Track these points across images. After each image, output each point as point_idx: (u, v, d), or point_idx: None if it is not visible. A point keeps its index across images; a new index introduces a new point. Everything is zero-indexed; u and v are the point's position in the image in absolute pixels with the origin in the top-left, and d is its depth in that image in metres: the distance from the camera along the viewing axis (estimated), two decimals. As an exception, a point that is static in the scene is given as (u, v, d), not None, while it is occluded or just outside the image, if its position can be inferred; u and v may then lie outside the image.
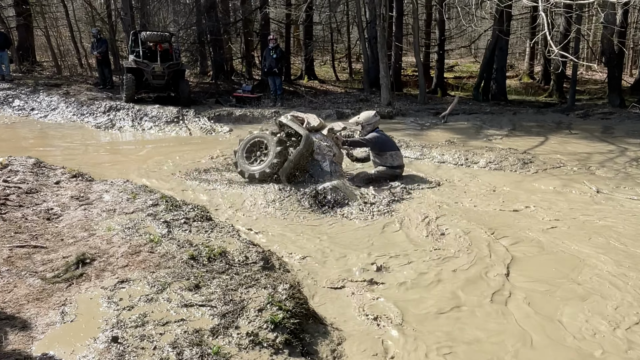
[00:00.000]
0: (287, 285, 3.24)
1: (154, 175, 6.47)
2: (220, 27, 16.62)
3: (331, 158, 5.93)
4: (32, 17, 17.50)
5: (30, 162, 5.44)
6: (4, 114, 11.56)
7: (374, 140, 6.20)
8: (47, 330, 2.56)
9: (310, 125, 6.15)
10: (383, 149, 6.20)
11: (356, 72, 22.70)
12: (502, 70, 16.12)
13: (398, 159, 6.27)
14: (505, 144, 8.88)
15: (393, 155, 6.22)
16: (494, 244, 4.40)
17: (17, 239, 3.62)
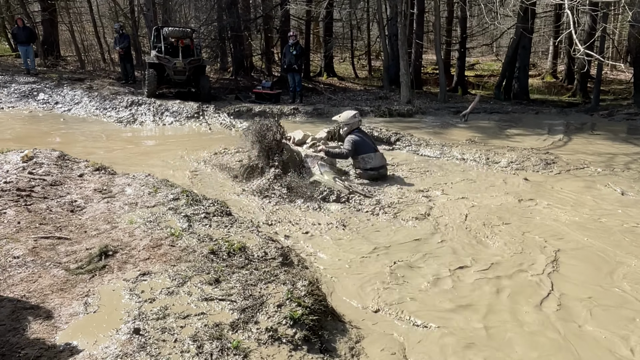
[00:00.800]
0: (306, 281, 3.24)
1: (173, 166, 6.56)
2: (240, 23, 16.69)
3: (319, 161, 6.19)
4: (56, 12, 17.82)
5: (55, 155, 5.54)
6: (29, 107, 11.78)
7: (349, 148, 6.25)
8: (70, 321, 2.60)
9: (296, 139, 7.05)
10: (357, 152, 6.25)
11: (375, 70, 22.60)
12: (524, 69, 15.89)
13: (372, 161, 6.23)
14: (527, 144, 8.75)
15: (365, 158, 6.22)
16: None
17: (42, 230, 3.69)
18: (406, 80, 13.32)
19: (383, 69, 17.87)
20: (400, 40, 13.46)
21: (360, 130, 6.56)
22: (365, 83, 19.03)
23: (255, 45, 20.05)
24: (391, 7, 16.00)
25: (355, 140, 6.30)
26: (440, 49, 15.34)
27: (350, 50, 23.27)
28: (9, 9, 18.48)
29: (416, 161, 7.55)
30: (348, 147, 6.26)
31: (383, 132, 8.78)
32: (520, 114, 12.72)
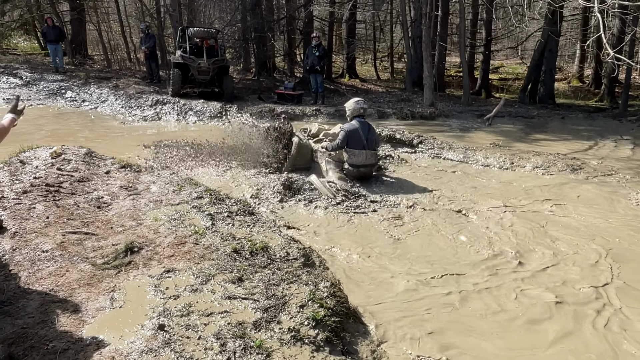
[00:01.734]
0: (328, 283, 3.24)
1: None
2: (264, 24, 16.78)
3: (327, 158, 6.43)
4: (85, 12, 18.19)
5: (82, 152, 5.65)
6: (56, 105, 12.05)
7: (341, 138, 6.19)
8: (97, 315, 2.64)
9: (312, 132, 7.29)
10: (347, 145, 6.16)
11: (398, 72, 22.47)
12: (550, 73, 15.61)
13: (355, 158, 6.11)
14: (553, 149, 8.59)
15: (349, 152, 6.13)
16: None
17: (70, 225, 3.76)
18: (429, 82, 13.21)
19: (406, 71, 17.76)
20: (424, 43, 13.36)
21: (362, 120, 6.34)
22: (387, 85, 18.94)
23: (278, 47, 20.14)
24: (415, 9, 15.89)
25: (349, 129, 6.19)
26: (465, 52, 15.17)
27: (373, 51, 23.19)
28: (39, 8, 18.93)
29: (439, 165, 7.49)
30: (341, 136, 6.21)
31: (405, 134, 8.73)
32: (546, 118, 12.51)
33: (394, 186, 6.20)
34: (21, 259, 3.19)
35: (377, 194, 5.78)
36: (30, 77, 13.75)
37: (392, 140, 8.64)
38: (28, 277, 2.99)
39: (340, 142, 6.19)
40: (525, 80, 16.41)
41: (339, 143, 6.19)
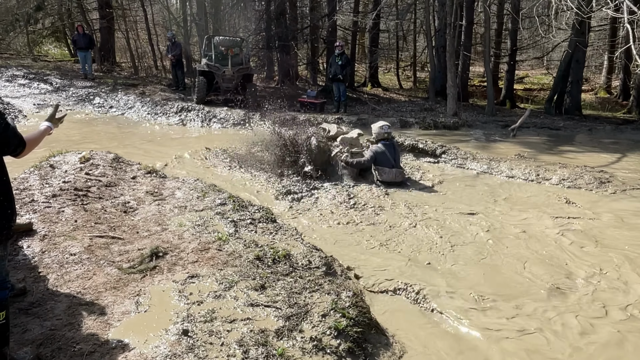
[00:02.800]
0: (351, 292, 3.23)
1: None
2: (288, 33, 16.93)
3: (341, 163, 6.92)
4: (114, 20, 18.63)
5: (110, 157, 5.76)
6: (85, 110, 12.33)
7: (368, 157, 6.81)
8: (122, 319, 2.68)
9: (330, 134, 7.68)
10: (376, 162, 6.79)
11: (420, 81, 22.39)
12: (577, 84, 15.34)
13: (385, 175, 6.70)
14: (580, 161, 8.43)
15: (380, 169, 6.73)
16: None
17: (97, 229, 3.84)
18: (453, 92, 13.12)
19: (429, 80, 17.69)
20: (448, 52, 13.29)
21: (388, 141, 6.96)
22: (409, 94, 18.87)
23: (301, 55, 20.29)
24: (439, 18, 15.84)
25: (377, 151, 6.80)
26: (489, 61, 15.03)
27: (396, 60, 23.16)
28: (70, 16, 19.47)
29: (463, 176, 7.41)
30: (368, 156, 6.83)
31: (428, 144, 8.67)
32: (573, 129, 12.29)
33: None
34: (50, 261, 3.27)
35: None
36: (61, 84, 14.12)
37: (414, 150, 8.59)
38: (56, 279, 3.06)
39: (366, 160, 6.79)
40: (551, 90, 16.16)
41: (365, 161, 6.79)
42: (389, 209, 5.65)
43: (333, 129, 7.95)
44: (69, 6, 18.89)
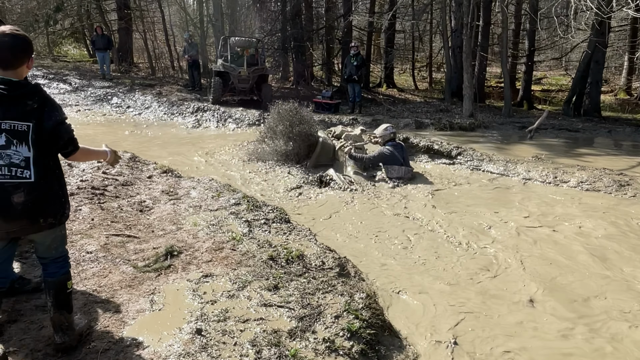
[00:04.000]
0: (364, 294, 3.21)
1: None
2: (303, 34, 16.96)
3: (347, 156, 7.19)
4: (132, 21, 18.86)
5: (127, 157, 5.83)
6: (102, 110, 12.51)
7: (372, 157, 7.07)
8: (137, 317, 2.71)
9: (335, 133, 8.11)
10: (385, 162, 6.98)
11: (436, 82, 22.26)
12: (596, 85, 15.10)
13: (394, 172, 6.88)
14: (599, 163, 8.28)
15: (389, 168, 6.92)
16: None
17: (113, 227, 3.88)
18: (469, 93, 13.00)
19: (445, 81, 17.58)
20: (465, 53, 13.18)
21: (395, 142, 7.24)
22: (425, 95, 18.77)
23: (317, 56, 20.31)
24: (456, 18, 15.73)
25: (383, 153, 7.03)
26: (506, 62, 14.87)
27: (411, 61, 23.06)
28: (89, 17, 19.77)
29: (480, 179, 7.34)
30: (371, 155, 7.10)
31: (444, 145, 8.59)
32: (592, 131, 12.09)
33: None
34: (67, 259, 3.31)
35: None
36: (79, 84, 14.34)
37: (430, 151, 8.53)
38: (73, 277, 3.09)
39: (369, 160, 7.05)
40: (569, 92, 15.94)
41: (367, 160, 7.05)
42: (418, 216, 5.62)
43: (338, 129, 8.29)
44: (88, 7, 19.19)
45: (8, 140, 2.06)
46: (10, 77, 2.06)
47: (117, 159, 2.63)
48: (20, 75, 2.11)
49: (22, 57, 2.09)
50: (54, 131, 2.14)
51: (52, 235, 2.29)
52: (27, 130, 2.08)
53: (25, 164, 2.09)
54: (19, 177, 2.08)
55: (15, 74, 2.09)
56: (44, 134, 2.12)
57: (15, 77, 2.08)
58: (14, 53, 2.06)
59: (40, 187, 2.14)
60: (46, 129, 2.12)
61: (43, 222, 2.18)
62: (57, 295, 2.33)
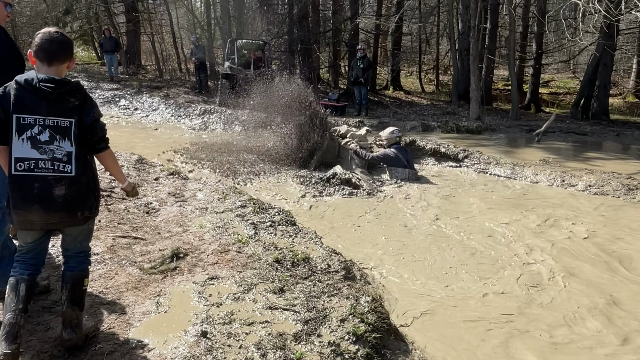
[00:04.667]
0: (370, 298, 3.20)
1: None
2: (310, 36, 16.99)
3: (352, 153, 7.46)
4: (140, 24, 18.98)
5: (134, 159, 5.86)
6: (110, 112, 12.58)
7: (377, 156, 7.30)
8: (143, 319, 2.71)
9: (341, 132, 8.27)
10: (389, 164, 7.24)
11: (443, 85, 22.20)
12: (605, 88, 14.99)
13: (399, 174, 7.09)
14: (608, 167, 8.22)
15: (393, 170, 7.16)
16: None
17: (120, 229, 3.90)
18: (476, 96, 12.96)
19: (452, 83, 17.53)
20: (472, 55, 13.15)
21: (399, 146, 7.49)
22: (432, 98, 18.73)
23: (323, 58, 20.33)
24: (463, 21, 15.70)
25: (388, 155, 7.27)
26: (514, 65, 14.82)
27: (418, 64, 23.02)
28: (98, 20, 19.92)
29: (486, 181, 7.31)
30: (377, 156, 7.31)
31: (450, 148, 8.57)
32: (600, 135, 12.00)
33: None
34: (74, 260, 3.32)
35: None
36: (88, 85, 14.43)
37: (436, 154, 8.51)
38: (80, 278, 3.11)
39: (370, 157, 7.26)
40: (577, 95, 15.85)
41: (369, 157, 7.26)
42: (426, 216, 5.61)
43: (343, 128, 8.55)
44: (96, 10, 19.33)
45: (51, 135, 2.16)
46: (53, 75, 2.16)
47: (135, 192, 2.71)
48: (61, 73, 2.21)
49: (68, 54, 2.23)
50: (91, 127, 2.25)
51: (81, 227, 2.38)
52: (70, 126, 2.19)
53: (67, 159, 2.19)
54: (61, 171, 2.18)
55: (58, 71, 2.20)
56: (82, 130, 2.22)
57: (57, 75, 2.18)
58: (62, 48, 2.20)
59: (80, 181, 2.24)
60: (85, 125, 2.22)
61: (80, 215, 2.28)
62: (73, 290, 2.37)
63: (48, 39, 2.16)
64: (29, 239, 2.30)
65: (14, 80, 2.15)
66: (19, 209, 2.18)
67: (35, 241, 2.31)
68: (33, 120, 2.13)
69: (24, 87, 2.12)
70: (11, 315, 2.17)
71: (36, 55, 2.17)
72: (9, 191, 2.19)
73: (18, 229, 2.30)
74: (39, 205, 2.16)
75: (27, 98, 2.12)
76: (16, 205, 2.18)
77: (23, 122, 2.13)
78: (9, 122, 2.13)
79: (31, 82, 2.12)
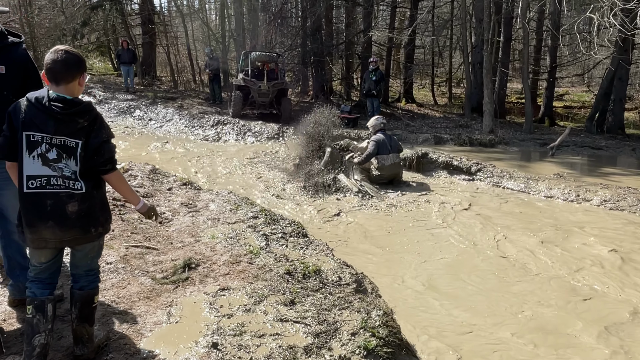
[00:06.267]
0: (381, 311, 3.18)
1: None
2: (323, 49, 17.10)
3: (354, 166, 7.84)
4: (156, 36, 19.28)
5: (148, 169, 5.91)
6: (125, 123, 12.74)
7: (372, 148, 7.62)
8: (154, 329, 2.72)
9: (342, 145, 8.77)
10: (379, 151, 7.60)
11: (456, 97, 22.15)
12: (620, 102, 14.86)
13: (384, 161, 7.56)
14: (623, 182, 8.11)
15: (379, 157, 7.58)
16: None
17: (133, 239, 3.93)
18: (489, 109, 12.92)
19: (465, 96, 17.49)
20: (485, 69, 13.13)
21: (384, 132, 7.96)
22: (444, 110, 18.69)
23: (336, 70, 20.44)
24: (476, 34, 15.70)
25: (378, 139, 7.68)
26: (528, 78, 14.75)
27: (431, 76, 23.02)
28: (115, 32, 20.27)
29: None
30: (371, 146, 7.64)
31: (463, 161, 8.53)
32: (615, 149, 11.87)
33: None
34: (87, 269, 3.35)
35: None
36: (104, 96, 14.66)
37: (449, 167, 8.47)
38: (93, 287, 3.13)
39: (371, 152, 7.61)
40: (592, 108, 15.72)
41: (370, 152, 7.61)
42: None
43: (344, 142, 9.08)
44: (114, 22, 19.68)
45: (59, 154, 2.15)
46: (64, 94, 2.14)
47: (151, 214, 2.57)
48: (72, 91, 2.17)
49: (73, 73, 2.16)
50: (98, 149, 2.22)
51: (93, 243, 2.36)
52: (76, 147, 2.17)
53: (74, 177, 2.18)
54: (72, 188, 2.18)
55: (67, 89, 2.16)
56: (88, 151, 2.20)
57: (67, 94, 2.15)
58: (65, 67, 2.14)
59: (92, 197, 2.24)
60: (91, 146, 2.20)
61: (94, 231, 2.28)
62: (82, 308, 2.37)
63: (53, 58, 2.13)
64: (43, 259, 2.28)
65: (25, 97, 2.15)
66: (33, 227, 2.16)
67: (49, 261, 2.30)
68: (41, 138, 2.12)
69: (34, 105, 2.11)
70: (42, 337, 2.20)
71: (46, 75, 2.17)
72: (21, 210, 2.18)
73: (31, 248, 2.27)
74: (53, 222, 2.15)
75: (36, 116, 2.11)
76: (30, 223, 2.16)
77: (32, 140, 2.12)
78: (17, 139, 2.13)
79: (41, 100, 2.11)
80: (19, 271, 2.75)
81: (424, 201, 6.69)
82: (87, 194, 2.21)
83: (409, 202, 6.69)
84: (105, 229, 2.35)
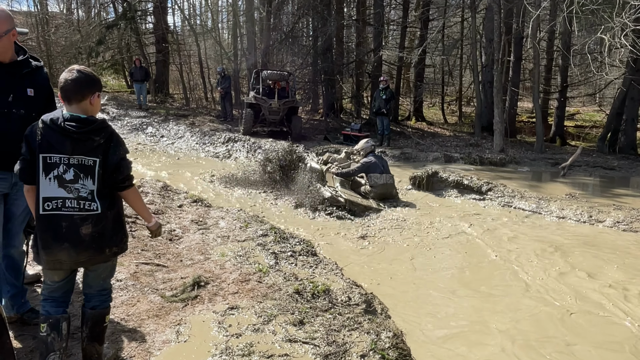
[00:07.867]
0: (391, 333, 3.14)
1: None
2: (334, 68, 17.25)
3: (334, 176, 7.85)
4: (169, 54, 19.59)
5: (159, 186, 5.96)
6: (137, 139, 12.88)
7: (357, 168, 7.74)
8: (163, 348, 2.71)
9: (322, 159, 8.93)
10: (367, 172, 7.67)
11: (466, 116, 22.14)
12: (632, 122, 14.74)
13: (377, 179, 7.52)
14: (637, 203, 8.01)
15: (371, 177, 7.58)
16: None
17: (143, 256, 3.94)
18: (500, 128, 12.88)
19: (475, 115, 17.47)
20: (496, 88, 13.14)
21: (374, 153, 8.01)
22: (454, 129, 18.67)
23: (346, 89, 20.57)
24: (487, 54, 15.76)
25: (366, 162, 7.71)
26: (538, 98, 14.73)
27: (441, 95, 23.07)
28: (129, 50, 20.64)
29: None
30: (356, 167, 7.79)
31: (474, 180, 8.48)
32: (628, 170, 11.74)
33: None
34: (97, 286, 3.36)
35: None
36: (117, 113, 14.86)
37: (459, 186, 8.42)
38: (102, 304, 3.14)
39: (353, 171, 7.74)
40: (604, 128, 15.62)
41: (352, 172, 7.76)
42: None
43: (325, 156, 9.29)
44: (128, 41, 20.05)
45: (76, 174, 2.17)
46: (78, 113, 2.17)
47: (158, 233, 2.61)
48: (85, 110, 2.20)
49: (84, 92, 2.19)
50: (117, 166, 2.24)
51: (107, 263, 2.38)
52: (94, 165, 2.19)
53: (91, 197, 2.19)
54: (87, 210, 2.18)
55: (79, 108, 2.19)
56: (107, 168, 2.22)
57: (81, 113, 2.18)
58: (76, 86, 2.17)
59: (106, 218, 2.24)
60: (110, 164, 2.22)
61: (109, 252, 2.29)
62: (93, 327, 2.38)
63: (66, 77, 2.17)
64: (56, 278, 2.30)
65: (40, 119, 2.18)
66: (49, 249, 2.17)
67: (62, 280, 2.31)
68: (58, 160, 2.14)
69: (50, 126, 2.14)
70: (57, 356, 2.23)
71: (60, 94, 2.21)
72: (37, 231, 2.20)
73: (46, 269, 2.29)
74: (68, 244, 2.16)
75: (53, 137, 2.13)
76: (46, 245, 2.17)
77: (49, 162, 2.14)
78: (35, 162, 2.16)
79: (56, 121, 2.14)
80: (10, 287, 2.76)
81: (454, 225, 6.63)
82: (102, 214, 2.21)
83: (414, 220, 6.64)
84: (120, 249, 2.36)
